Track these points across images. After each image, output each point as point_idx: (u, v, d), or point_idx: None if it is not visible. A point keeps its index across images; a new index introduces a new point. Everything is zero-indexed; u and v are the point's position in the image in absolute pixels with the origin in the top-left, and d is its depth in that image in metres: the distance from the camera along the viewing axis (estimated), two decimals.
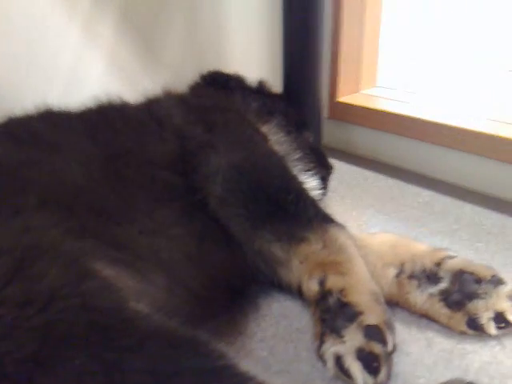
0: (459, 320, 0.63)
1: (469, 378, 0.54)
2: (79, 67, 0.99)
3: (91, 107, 0.82)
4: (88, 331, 0.43)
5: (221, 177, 0.71)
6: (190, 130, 0.78)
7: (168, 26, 1.10)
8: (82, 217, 0.58)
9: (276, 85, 1.09)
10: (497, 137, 1.00)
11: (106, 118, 0.78)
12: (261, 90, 1.04)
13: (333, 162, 1.06)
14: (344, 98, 1.28)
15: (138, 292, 0.54)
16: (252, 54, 1.26)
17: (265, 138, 0.87)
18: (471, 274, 0.65)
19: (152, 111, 0.81)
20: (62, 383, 0.40)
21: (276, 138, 0.91)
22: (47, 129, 0.71)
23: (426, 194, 1.01)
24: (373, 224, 0.91)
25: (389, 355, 0.58)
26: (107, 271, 0.51)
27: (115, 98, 0.84)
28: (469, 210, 0.95)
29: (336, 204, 1.00)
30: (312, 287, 0.66)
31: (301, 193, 0.74)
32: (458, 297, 0.64)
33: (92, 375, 0.41)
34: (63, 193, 0.60)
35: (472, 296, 0.63)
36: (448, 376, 0.57)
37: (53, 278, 0.46)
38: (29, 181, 0.59)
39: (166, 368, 0.43)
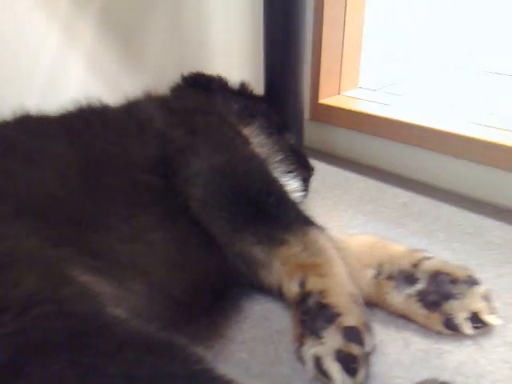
0: (436, 320, 0.65)
1: (444, 378, 0.55)
2: (59, 69, 0.98)
3: (70, 110, 0.81)
4: (65, 337, 0.43)
5: (202, 180, 0.71)
6: (171, 132, 0.78)
7: (149, 27, 1.09)
8: (59, 225, 0.57)
9: (258, 87, 1.09)
10: (474, 139, 1.02)
11: (86, 121, 0.77)
12: (242, 92, 1.04)
13: (314, 163, 1.07)
14: (325, 99, 1.29)
15: (116, 298, 0.53)
16: (234, 55, 1.26)
17: (246, 141, 0.87)
18: (447, 274, 0.66)
19: (132, 114, 0.81)
20: None
21: (257, 141, 0.91)
22: (24, 135, 0.70)
23: (405, 195, 1.03)
24: (353, 225, 0.92)
25: (367, 356, 0.58)
26: (84, 278, 0.51)
27: (95, 101, 0.83)
28: (446, 210, 0.96)
29: (317, 205, 1.01)
30: (292, 289, 0.67)
31: (281, 195, 0.75)
32: (434, 297, 0.65)
33: (69, 381, 0.40)
34: (40, 201, 0.60)
35: (448, 296, 0.65)
36: (424, 375, 0.58)
37: (29, 285, 0.46)
38: (5, 190, 0.59)
39: (142, 373, 0.43)
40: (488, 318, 0.64)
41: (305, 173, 1.00)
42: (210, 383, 0.44)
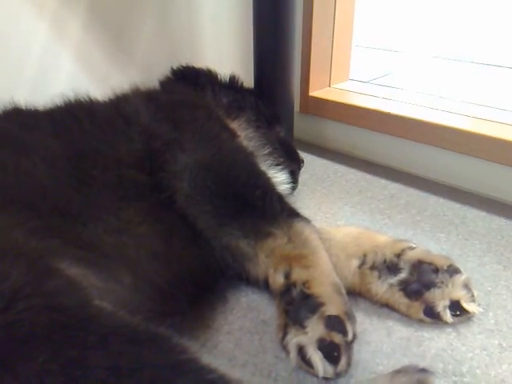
0: (417, 309, 0.66)
1: (423, 365, 0.57)
2: (48, 63, 0.98)
3: (59, 105, 0.81)
4: (50, 330, 0.44)
5: (188, 174, 0.72)
6: (158, 127, 0.78)
7: (139, 20, 1.09)
8: (46, 217, 0.58)
9: (248, 80, 1.09)
10: (462, 131, 1.02)
11: (74, 116, 0.77)
12: (232, 85, 1.05)
13: (304, 155, 1.08)
14: (316, 92, 1.29)
15: (103, 290, 0.54)
16: (224, 48, 1.26)
17: (234, 134, 0.88)
18: (429, 264, 0.68)
19: (119, 109, 0.81)
20: (24, 382, 0.41)
21: (245, 134, 0.92)
22: (13, 128, 0.71)
23: (393, 187, 1.04)
24: (340, 216, 0.94)
25: (349, 344, 0.60)
26: (71, 270, 0.52)
27: (83, 95, 0.83)
28: (433, 201, 0.98)
29: (306, 197, 1.02)
30: (277, 280, 0.68)
31: (268, 188, 0.76)
32: (416, 286, 0.67)
33: (53, 373, 0.42)
34: (27, 193, 0.60)
35: (429, 285, 0.66)
36: (405, 362, 0.60)
37: (15, 278, 0.47)
38: None
39: (127, 364, 0.44)
40: (468, 306, 0.65)
41: (294, 165, 1.01)
42: (193, 373, 0.45)
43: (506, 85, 1.51)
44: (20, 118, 0.76)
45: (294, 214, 0.74)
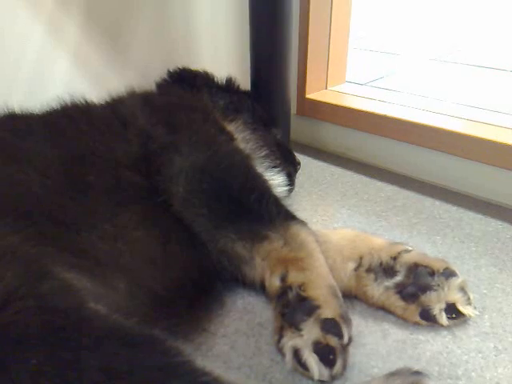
0: (413, 311, 0.66)
1: (418, 367, 0.57)
2: (44, 66, 0.98)
3: (55, 108, 0.81)
4: (44, 331, 0.44)
5: (184, 178, 0.72)
6: (154, 130, 0.78)
7: (135, 23, 1.09)
8: (41, 225, 0.58)
9: (245, 82, 1.10)
10: (457, 133, 1.03)
11: (70, 119, 0.77)
12: (229, 88, 1.05)
13: (300, 158, 1.08)
14: (312, 94, 1.30)
15: (97, 294, 0.54)
16: (221, 50, 1.26)
17: (230, 137, 0.88)
18: (425, 267, 0.68)
19: (116, 111, 0.81)
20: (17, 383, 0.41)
21: (242, 136, 0.92)
22: (8, 134, 0.71)
23: (389, 189, 1.04)
24: (336, 219, 0.94)
25: (345, 347, 0.60)
26: (66, 274, 0.52)
27: (79, 98, 0.83)
28: (429, 203, 0.98)
29: (302, 199, 1.02)
30: (274, 283, 0.68)
31: (264, 191, 0.75)
32: (412, 289, 0.67)
33: (47, 375, 0.41)
34: (23, 200, 0.60)
35: (425, 288, 0.66)
36: (401, 365, 0.60)
37: (9, 281, 0.47)
38: None
39: (121, 366, 0.43)
40: (464, 309, 0.65)
41: (290, 167, 1.01)
42: (187, 375, 0.45)
43: (502, 87, 1.51)
44: (15, 124, 0.75)
45: (290, 217, 0.74)
